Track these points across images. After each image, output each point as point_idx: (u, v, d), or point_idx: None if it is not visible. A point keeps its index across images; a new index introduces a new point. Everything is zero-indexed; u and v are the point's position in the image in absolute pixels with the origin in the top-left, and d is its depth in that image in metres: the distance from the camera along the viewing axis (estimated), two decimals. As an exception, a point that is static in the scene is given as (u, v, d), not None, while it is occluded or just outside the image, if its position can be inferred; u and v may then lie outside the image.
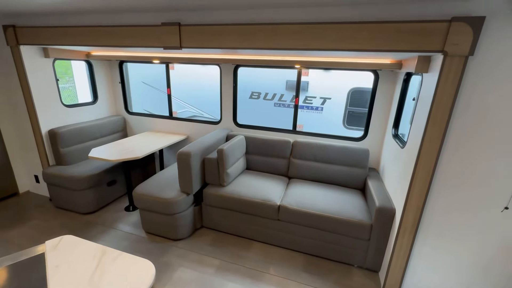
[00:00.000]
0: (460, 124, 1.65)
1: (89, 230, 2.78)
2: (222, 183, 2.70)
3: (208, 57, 2.84)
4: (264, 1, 1.67)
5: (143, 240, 2.66)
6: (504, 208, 1.71)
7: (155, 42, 2.17)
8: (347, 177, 2.82)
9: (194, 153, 2.51)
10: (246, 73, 3.29)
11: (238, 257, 2.47)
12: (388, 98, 2.76)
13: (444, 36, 1.50)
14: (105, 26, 2.28)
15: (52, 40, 2.54)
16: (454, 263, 1.90)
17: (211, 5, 1.85)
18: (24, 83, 2.84)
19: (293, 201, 2.48)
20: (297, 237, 2.50)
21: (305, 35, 1.75)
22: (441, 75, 1.57)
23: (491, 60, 1.50)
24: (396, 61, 2.31)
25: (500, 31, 1.45)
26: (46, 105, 3.01)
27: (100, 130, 3.51)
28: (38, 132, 3.02)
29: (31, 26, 2.57)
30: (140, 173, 3.68)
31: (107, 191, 3.20)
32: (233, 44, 1.96)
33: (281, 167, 3.09)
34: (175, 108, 5.24)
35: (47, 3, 1.98)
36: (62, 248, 1.22)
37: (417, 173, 1.78)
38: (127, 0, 1.81)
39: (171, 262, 2.37)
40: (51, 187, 3.08)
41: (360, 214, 2.32)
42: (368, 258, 2.32)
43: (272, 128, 3.32)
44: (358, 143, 3.00)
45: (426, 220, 1.88)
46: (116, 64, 3.72)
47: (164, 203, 2.46)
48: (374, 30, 1.62)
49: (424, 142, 1.71)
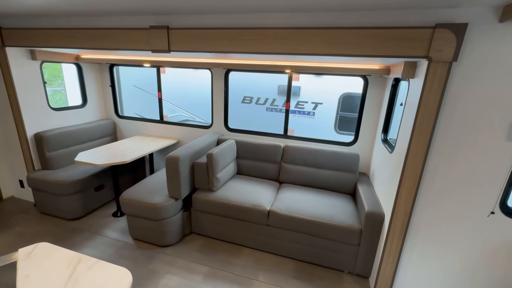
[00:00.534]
0: (446, 129, 1.66)
1: (73, 236, 2.69)
2: (212, 188, 2.66)
3: (199, 61, 2.83)
4: (251, 6, 1.67)
5: (130, 247, 2.59)
6: (490, 212, 1.72)
7: (143, 45, 2.15)
8: (338, 182, 2.81)
9: (183, 158, 2.47)
10: (238, 77, 3.28)
11: (227, 263, 2.42)
12: (377, 103, 2.78)
13: (428, 42, 1.52)
14: (93, 28, 2.26)
15: (39, 42, 2.49)
16: (442, 270, 1.90)
17: (200, 9, 1.84)
18: (9, 85, 2.78)
19: (283, 206, 2.45)
20: (287, 243, 2.47)
21: (293, 39, 1.75)
22: (426, 81, 1.58)
23: (474, 66, 1.52)
24: (384, 67, 2.34)
25: (482, 37, 1.48)
26: (32, 108, 2.95)
27: (88, 134, 3.44)
28: (23, 136, 2.94)
29: (17, 28, 2.53)
30: (129, 178, 3.61)
31: (95, 196, 3.12)
32: (221, 48, 1.95)
33: (272, 171, 3.07)
34: (168, 112, 5.20)
35: (34, 4, 1.95)
36: (36, 256, 1.17)
37: (405, 178, 1.78)
38: (116, 3, 1.79)
39: (158, 269, 2.31)
40: (36, 192, 2.99)
41: (350, 219, 2.30)
42: (358, 264, 2.30)
43: (264, 133, 3.31)
44: (348, 148, 3.01)
45: (415, 225, 1.88)
46: (107, 68, 3.68)
47: (152, 208, 2.41)
48: (359, 35, 1.63)
49: (411, 147, 1.71)
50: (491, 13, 1.44)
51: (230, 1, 1.60)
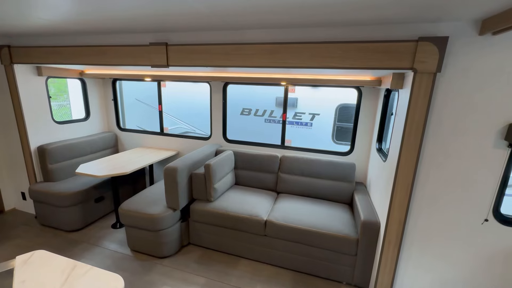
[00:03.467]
0: (435, 137, 1.70)
1: (72, 248, 2.71)
2: (209, 198, 2.69)
3: (197, 75, 2.93)
4: (245, 23, 1.77)
5: (128, 258, 2.59)
6: (484, 220, 1.73)
7: (143, 61, 2.26)
8: (335, 191, 2.83)
9: (181, 168, 2.52)
10: (237, 90, 3.37)
11: (224, 274, 2.41)
12: (371, 113, 2.84)
13: (412, 54, 1.59)
14: (97, 46, 2.38)
15: (45, 59, 2.62)
16: (439, 278, 1.88)
17: (196, 26, 1.95)
18: (15, 100, 2.89)
19: (279, 216, 2.47)
20: (285, 253, 2.46)
21: (283, 54, 1.84)
22: (413, 91, 1.64)
23: (458, 76, 1.59)
24: (375, 78, 2.41)
25: (464, 49, 1.55)
26: (37, 122, 3.05)
27: (90, 146, 3.52)
28: (27, 149, 3.02)
29: (25, 46, 2.67)
30: (129, 190, 3.65)
31: (95, 208, 3.16)
32: (217, 62, 2.05)
33: (269, 182, 3.09)
34: (168, 125, 5.30)
35: (43, 25, 2.07)
36: (32, 263, 1.20)
37: (397, 186, 1.80)
38: (118, 22, 1.91)
39: (155, 280, 2.31)
40: (37, 204, 3.04)
41: (347, 228, 2.30)
42: (356, 275, 2.28)
43: (261, 144, 3.36)
44: (345, 157, 3.04)
45: (410, 234, 1.88)
46: (110, 82, 3.81)
47: (150, 219, 2.44)
48: (347, 49, 1.71)
49: (402, 156, 1.75)
50: (471, 27, 1.52)
51: (225, 19, 1.70)
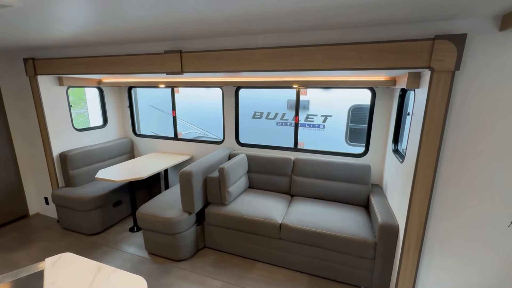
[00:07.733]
0: (455, 137, 1.65)
1: (92, 251, 2.80)
2: (224, 202, 2.72)
3: (210, 80, 2.99)
4: (256, 28, 1.80)
5: (145, 261, 2.65)
6: (511, 222, 1.65)
7: (158, 68, 2.33)
8: (350, 194, 2.78)
9: (196, 172, 2.56)
10: (248, 94, 3.40)
11: (240, 278, 2.41)
12: (386, 113, 2.79)
13: (429, 53, 1.56)
14: (114, 55, 2.47)
15: (66, 70, 2.75)
16: (463, 284, 1.80)
17: (209, 34, 1.99)
18: (39, 109, 3.05)
19: (294, 219, 2.45)
20: (300, 256, 2.44)
21: (296, 57, 1.85)
22: (431, 90, 1.60)
23: (477, 73, 1.54)
24: (390, 78, 2.37)
25: (484, 46, 1.50)
26: (58, 129, 3.19)
27: (108, 152, 3.64)
28: (49, 155, 3.17)
29: (48, 58, 2.81)
30: (145, 194, 3.74)
31: (113, 212, 3.25)
32: (230, 68, 2.08)
33: (283, 185, 3.09)
34: (182, 130, 5.41)
35: (62, 37, 2.19)
36: (60, 265, 1.26)
37: (416, 188, 1.76)
38: (135, 32, 1.99)
39: (172, 283, 2.34)
40: (59, 209, 3.17)
41: (364, 231, 2.26)
42: (375, 279, 2.22)
43: (274, 146, 3.37)
44: (359, 159, 2.99)
45: (430, 237, 1.82)
46: (125, 90, 3.94)
47: (166, 222, 2.48)
48: (361, 50, 1.70)
49: (420, 156, 1.71)
50: (490, 22, 1.47)
51: (237, 25, 1.73)
